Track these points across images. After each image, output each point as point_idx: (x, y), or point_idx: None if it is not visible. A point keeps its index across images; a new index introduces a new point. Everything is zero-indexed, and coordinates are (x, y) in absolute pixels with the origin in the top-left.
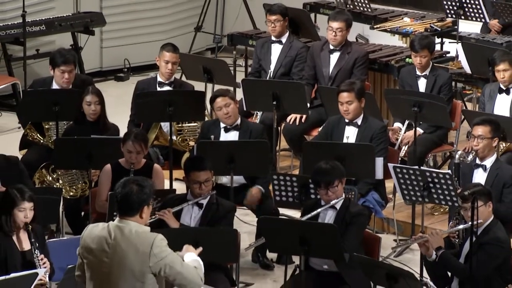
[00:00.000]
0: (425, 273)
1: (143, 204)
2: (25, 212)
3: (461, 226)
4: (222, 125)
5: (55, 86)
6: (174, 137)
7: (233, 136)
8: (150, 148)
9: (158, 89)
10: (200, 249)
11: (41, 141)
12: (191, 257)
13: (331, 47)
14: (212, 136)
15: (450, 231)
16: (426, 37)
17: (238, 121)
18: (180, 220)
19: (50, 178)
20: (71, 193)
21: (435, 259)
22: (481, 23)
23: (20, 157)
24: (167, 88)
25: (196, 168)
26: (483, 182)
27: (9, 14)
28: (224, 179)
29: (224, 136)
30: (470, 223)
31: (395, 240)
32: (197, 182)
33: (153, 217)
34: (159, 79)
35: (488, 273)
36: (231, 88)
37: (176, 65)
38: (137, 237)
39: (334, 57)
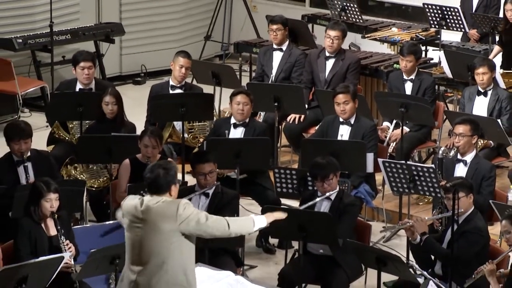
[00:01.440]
0: (411, 257)
1: (170, 184)
2: (51, 202)
3: (443, 215)
4: (232, 121)
5: (79, 86)
6: (185, 135)
7: (240, 132)
8: (164, 145)
9: (171, 91)
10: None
11: (66, 138)
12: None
13: (327, 54)
14: (227, 131)
15: (434, 218)
16: (415, 45)
17: (247, 120)
18: None
19: (73, 172)
20: (95, 185)
21: (420, 243)
22: (461, 33)
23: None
24: (178, 91)
25: (201, 161)
26: (463, 176)
27: (38, 24)
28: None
29: (233, 131)
30: (452, 211)
31: (383, 227)
32: (202, 173)
33: None
34: (171, 82)
35: (469, 258)
36: None
37: (188, 70)
38: (164, 204)
39: (330, 63)
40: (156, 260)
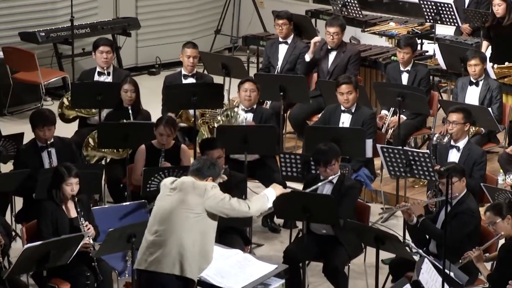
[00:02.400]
0: (407, 236)
1: (210, 176)
2: (71, 186)
3: (438, 198)
4: (240, 107)
5: (98, 69)
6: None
7: (249, 116)
8: (178, 132)
9: (183, 81)
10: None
11: (79, 114)
12: (270, 193)
13: (329, 47)
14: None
15: (429, 202)
16: (411, 37)
17: (254, 106)
18: None
19: (94, 152)
20: (116, 156)
21: (416, 224)
22: (455, 27)
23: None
24: (190, 79)
25: (210, 147)
26: (456, 161)
27: (59, 19)
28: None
29: (242, 115)
30: (446, 195)
31: (382, 209)
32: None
33: None
34: (183, 72)
35: (461, 238)
36: None
37: (196, 59)
38: (195, 184)
39: (332, 56)
40: (176, 228)
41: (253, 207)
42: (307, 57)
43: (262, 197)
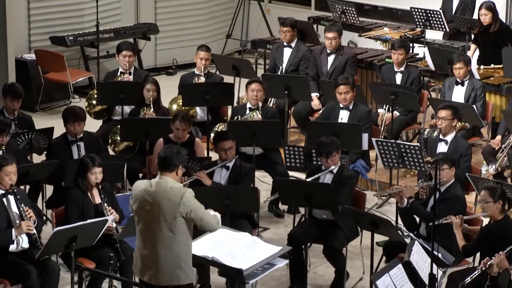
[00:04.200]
0: (399, 221)
1: (178, 164)
2: (95, 175)
3: (428, 183)
4: (248, 106)
5: (120, 69)
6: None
7: (255, 114)
8: (192, 127)
9: (195, 80)
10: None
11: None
12: (212, 212)
13: (328, 51)
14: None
15: (420, 186)
16: (404, 40)
17: (260, 104)
18: (213, 179)
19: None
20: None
21: (406, 205)
22: (443, 32)
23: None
24: (202, 79)
25: (221, 138)
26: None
27: (86, 24)
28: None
29: (249, 114)
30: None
31: (376, 196)
32: (223, 149)
33: (192, 177)
34: (196, 72)
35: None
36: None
37: (208, 61)
38: (171, 191)
39: (331, 59)
40: (162, 239)
41: (219, 224)
42: None
43: (213, 213)
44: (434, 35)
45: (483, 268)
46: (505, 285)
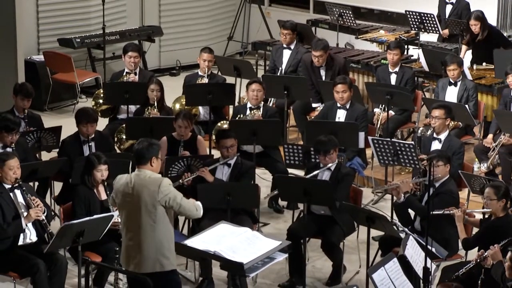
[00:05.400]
0: (394, 217)
1: (152, 156)
2: (101, 172)
3: (423, 179)
4: (248, 105)
5: (126, 70)
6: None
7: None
8: (194, 125)
9: (199, 81)
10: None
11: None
12: (192, 200)
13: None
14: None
15: (416, 181)
16: (399, 42)
17: (260, 104)
18: (215, 175)
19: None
20: None
21: (403, 200)
22: (437, 35)
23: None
24: (205, 79)
25: (223, 136)
26: None
27: (93, 27)
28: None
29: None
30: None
31: (373, 193)
32: (225, 147)
33: (194, 173)
34: (199, 73)
35: (441, 214)
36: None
37: (211, 62)
38: (149, 180)
39: (323, 72)
40: (146, 231)
41: (199, 211)
42: None
43: (194, 202)
44: (428, 37)
45: (478, 260)
46: (498, 277)
